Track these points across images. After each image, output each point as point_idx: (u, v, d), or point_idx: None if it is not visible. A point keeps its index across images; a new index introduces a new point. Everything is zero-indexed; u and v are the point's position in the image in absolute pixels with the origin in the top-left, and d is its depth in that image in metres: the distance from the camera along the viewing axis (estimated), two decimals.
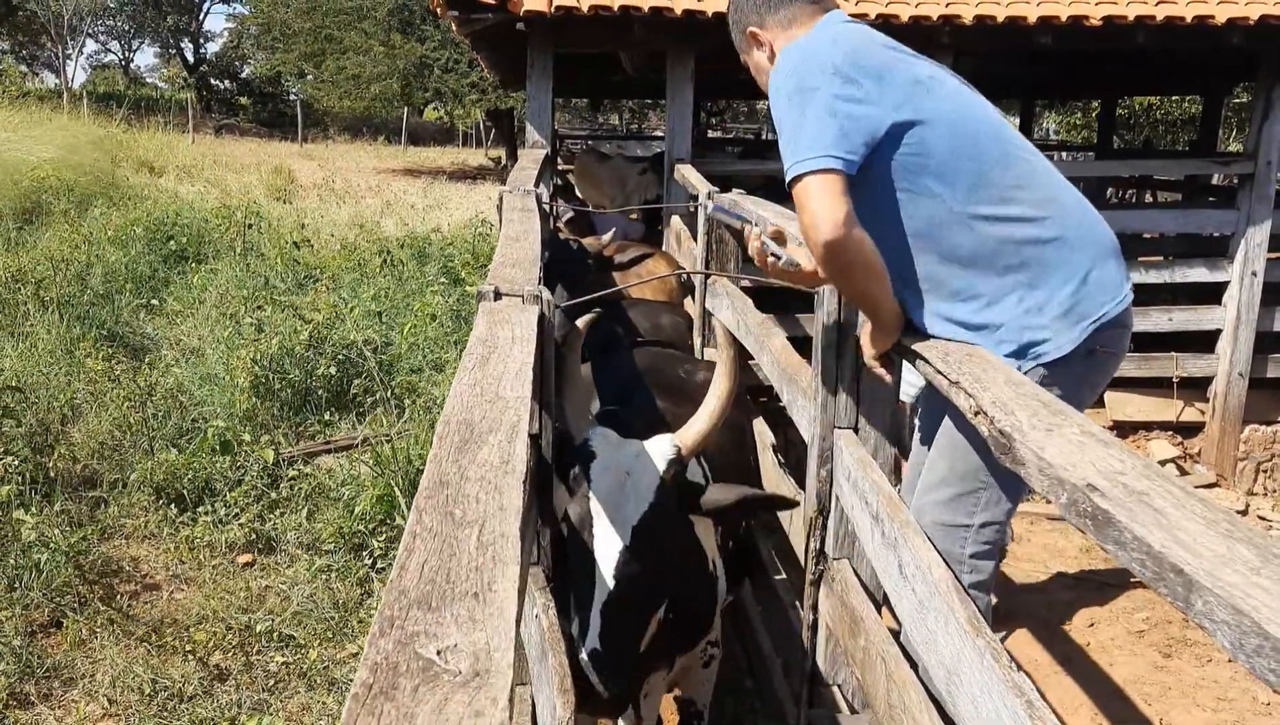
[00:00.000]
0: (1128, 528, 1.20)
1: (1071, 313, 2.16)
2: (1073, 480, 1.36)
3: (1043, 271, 2.15)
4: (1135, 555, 1.18)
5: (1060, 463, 1.41)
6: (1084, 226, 2.21)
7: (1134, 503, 1.26)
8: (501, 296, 2.31)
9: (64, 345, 7.21)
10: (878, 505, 2.09)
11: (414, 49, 25.23)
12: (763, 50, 2.35)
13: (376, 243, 11.05)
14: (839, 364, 2.42)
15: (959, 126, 2.14)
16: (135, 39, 51.81)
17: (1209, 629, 1.06)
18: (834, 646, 2.48)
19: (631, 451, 2.19)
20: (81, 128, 19.71)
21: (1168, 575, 1.12)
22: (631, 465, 2.16)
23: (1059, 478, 1.40)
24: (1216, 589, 1.05)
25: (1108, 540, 1.25)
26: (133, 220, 11.27)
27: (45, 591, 4.30)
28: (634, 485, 2.13)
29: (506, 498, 1.32)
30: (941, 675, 1.71)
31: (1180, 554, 1.12)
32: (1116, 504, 1.25)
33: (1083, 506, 1.32)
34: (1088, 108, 22.35)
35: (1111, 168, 10.88)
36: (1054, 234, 2.16)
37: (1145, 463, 1.38)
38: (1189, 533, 1.17)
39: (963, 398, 1.77)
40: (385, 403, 6.06)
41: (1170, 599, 1.13)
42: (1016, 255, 2.14)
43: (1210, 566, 1.09)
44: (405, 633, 0.99)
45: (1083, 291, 2.17)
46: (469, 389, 1.72)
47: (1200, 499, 1.27)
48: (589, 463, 2.17)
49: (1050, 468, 1.42)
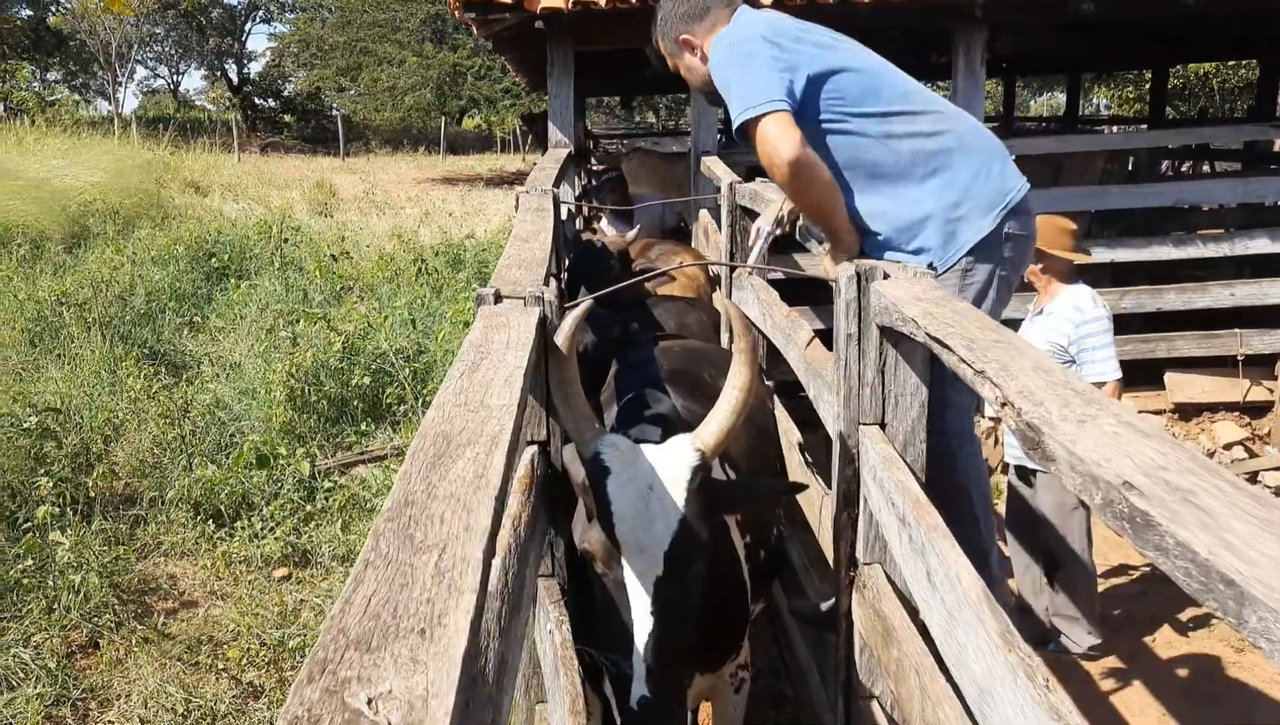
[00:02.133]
0: (1169, 531, 1.06)
1: (982, 202, 2.60)
2: (1108, 478, 1.21)
3: (952, 174, 2.60)
4: (1179, 564, 1.03)
5: (1094, 458, 1.26)
6: (976, 134, 2.71)
7: (1177, 502, 1.11)
8: (502, 299, 2.20)
9: (107, 365, 7.26)
10: (904, 507, 1.94)
11: (446, 57, 25.33)
12: (694, 54, 2.80)
13: (413, 252, 11.03)
14: (861, 355, 2.27)
15: (863, 72, 2.63)
16: (182, 63, 52.71)
17: (1266, 650, 0.91)
18: (868, 657, 2.33)
19: (649, 462, 1.94)
20: (129, 152, 20.03)
21: (1216, 587, 0.97)
22: (652, 479, 1.91)
23: (1093, 475, 1.25)
24: (1273, 602, 0.90)
25: (1148, 546, 1.10)
26: (175, 239, 11.38)
27: (83, 612, 4.29)
28: (659, 503, 1.88)
29: (475, 517, 1.20)
30: (974, 694, 1.57)
31: (1230, 561, 0.97)
32: (1157, 504, 1.10)
33: (1119, 507, 1.17)
34: (1140, 80, 21.80)
35: (1165, 138, 10.49)
36: (954, 143, 2.63)
37: (1191, 455, 1.23)
38: (1241, 535, 1.02)
39: (989, 388, 1.62)
40: (418, 411, 6.00)
41: (1221, 614, 0.98)
42: (928, 164, 2.61)
43: (1266, 575, 0.94)
44: (336, 679, 0.88)
45: (988, 184, 2.61)
46: (453, 398, 1.61)
47: (1254, 495, 1.11)
48: (603, 480, 1.91)
49: (1082, 464, 1.27)
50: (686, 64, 2.83)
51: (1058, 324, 4.17)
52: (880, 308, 2.18)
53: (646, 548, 1.85)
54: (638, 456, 1.95)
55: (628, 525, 1.86)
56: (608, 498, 1.89)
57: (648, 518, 1.87)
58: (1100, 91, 30.66)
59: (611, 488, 1.89)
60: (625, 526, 1.86)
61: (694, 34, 2.76)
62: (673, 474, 1.92)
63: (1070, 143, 7.62)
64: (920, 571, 1.82)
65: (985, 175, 2.62)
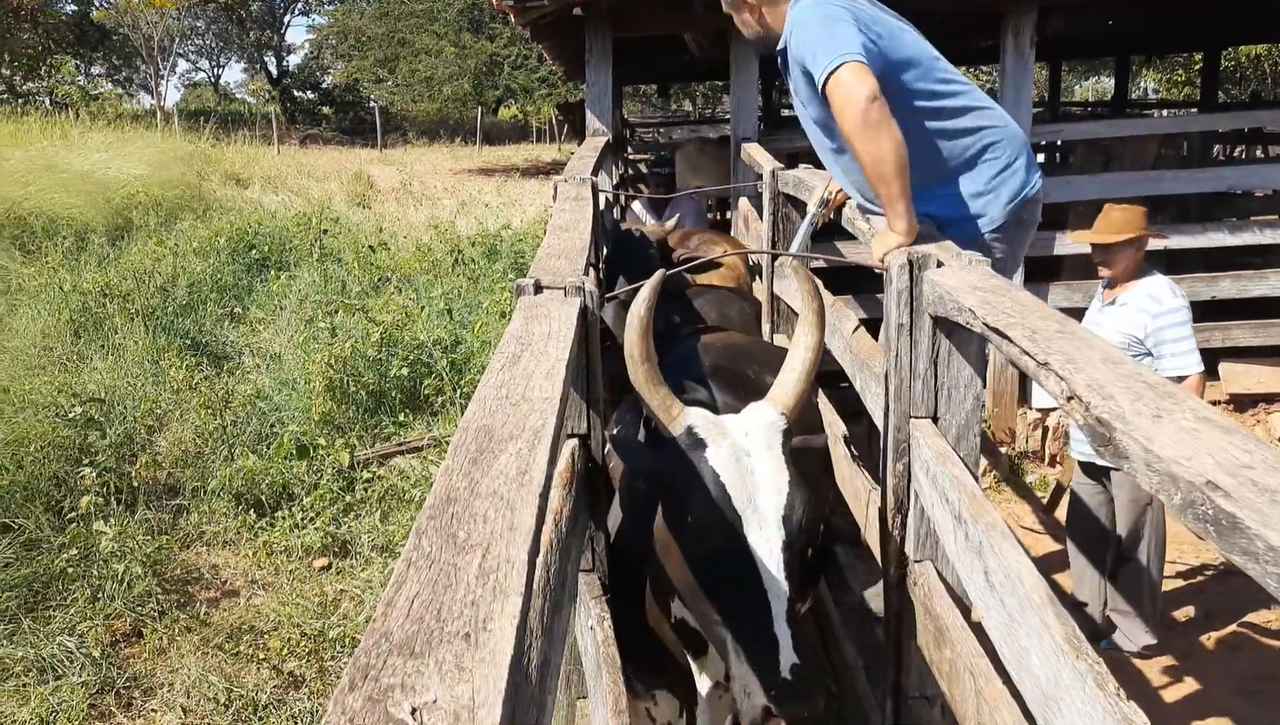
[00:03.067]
0: (1259, 535, 0.99)
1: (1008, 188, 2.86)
2: (1188, 477, 1.14)
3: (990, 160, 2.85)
4: (1271, 569, 0.97)
5: (1172, 456, 1.19)
6: (1009, 126, 2.92)
7: (1265, 503, 1.04)
8: (542, 290, 2.15)
9: (150, 356, 7.31)
10: (959, 503, 1.87)
11: (484, 47, 25.35)
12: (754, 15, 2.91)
13: (449, 243, 11.03)
14: (913, 346, 2.21)
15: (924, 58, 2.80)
16: (222, 56, 53.25)
17: None
18: (919, 657, 2.27)
19: (740, 430, 1.88)
20: (171, 145, 20.18)
21: None
22: (749, 446, 1.85)
23: (1171, 474, 1.18)
24: None
25: (1234, 550, 1.03)
26: (216, 231, 11.45)
27: (127, 601, 4.31)
28: (763, 470, 1.83)
29: (519, 515, 1.16)
30: (1037, 699, 1.50)
31: None
32: (1244, 506, 1.03)
33: (1202, 508, 1.11)
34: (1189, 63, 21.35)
35: (1217, 121, 10.22)
36: (995, 136, 2.85)
37: (1277, 453, 1.15)
38: None
39: (1054, 381, 1.55)
40: (455, 402, 5.99)
41: None
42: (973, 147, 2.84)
43: None
44: (379, 686, 0.84)
45: (1015, 175, 2.87)
46: (494, 391, 1.57)
47: None
48: (702, 454, 1.84)
49: (1160, 462, 1.20)
50: (742, 19, 2.95)
51: (1133, 316, 4.00)
52: (934, 297, 2.11)
53: (764, 514, 1.79)
54: (727, 427, 1.90)
55: (742, 495, 1.80)
56: (714, 471, 1.82)
57: (753, 486, 1.81)
58: (1148, 75, 30.09)
59: (714, 461, 1.84)
60: (740, 497, 1.80)
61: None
62: (765, 439, 1.87)
63: (1122, 127, 7.45)
64: (977, 571, 1.76)
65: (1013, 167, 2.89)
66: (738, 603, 1.77)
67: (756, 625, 1.73)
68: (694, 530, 1.82)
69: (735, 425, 1.89)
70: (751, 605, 1.74)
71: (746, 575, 1.76)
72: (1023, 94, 6.17)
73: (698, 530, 1.82)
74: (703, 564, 1.82)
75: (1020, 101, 6.15)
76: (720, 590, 1.79)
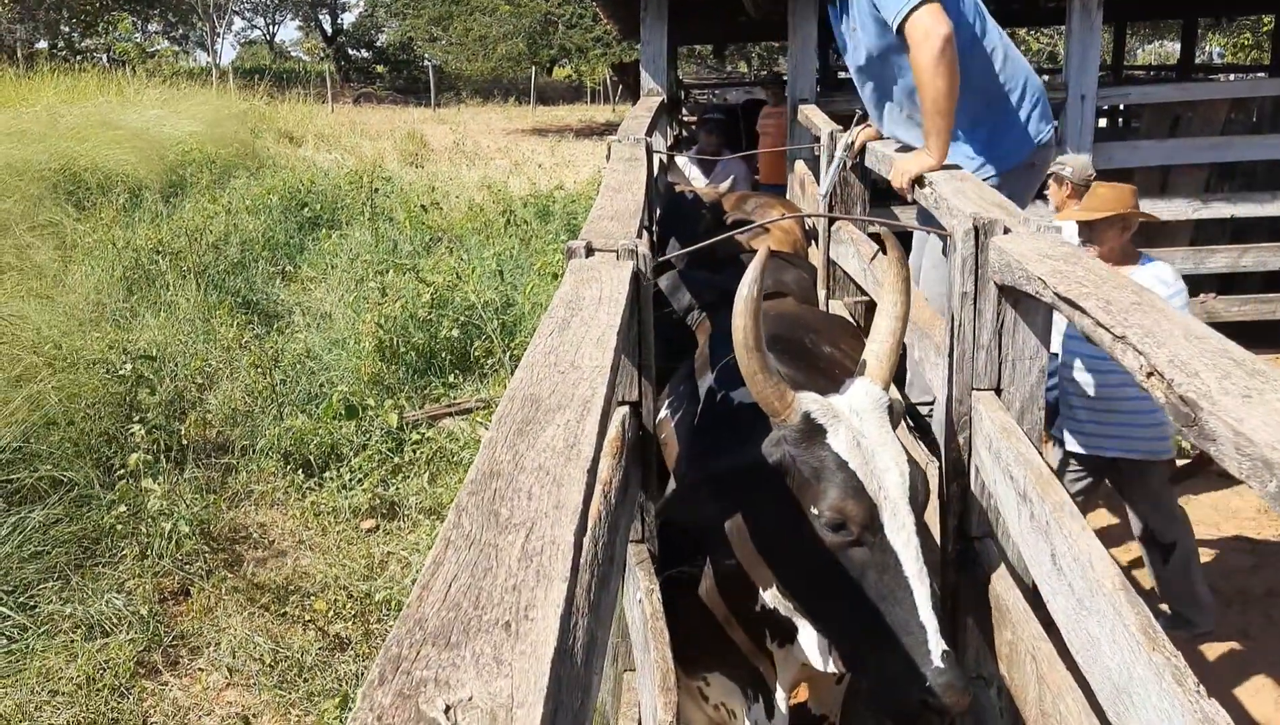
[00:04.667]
0: None
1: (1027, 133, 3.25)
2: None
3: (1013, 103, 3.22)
4: None
5: (1267, 439, 1.10)
6: (1031, 76, 3.27)
7: None
8: (594, 252, 2.09)
9: (201, 314, 7.36)
10: (1024, 481, 1.79)
11: (539, 6, 25.13)
12: None
13: (501, 203, 10.99)
14: (977, 315, 2.11)
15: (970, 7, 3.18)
16: (278, 14, 53.40)
17: None
18: (976, 637, 2.19)
19: (851, 411, 1.79)
20: (225, 102, 20.32)
21: None
22: (863, 427, 1.77)
23: (1266, 459, 1.09)
24: None
25: None
26: (269, 189, 11.50)
27: (174, 559, 4.35)
28: (883, 452, 1.75)
29: (565, 492, 1.10)
30: (1107, 691, 1.42)
31: None
32: None
33: None
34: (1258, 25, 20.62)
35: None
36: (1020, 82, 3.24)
37: None
38: None
39: (1131, 356, 1.45)
40: (505, 364, 5.96)
41: None
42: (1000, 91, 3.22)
43: None
44: (411, 680, 0.78)
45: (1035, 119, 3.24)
46: (542, 358, 1.51)
47: None
48: (824, 441, 1.75)
49: (1253, 446, 1.12)
50: None
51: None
52: (1001, 265, 2.01)
53: (894, 499, 1.71)
54: (838, 408, 1.80)
55: (873, 482, 1.71)
56: (839, 458, 1.73)
57: (880, 469, 1.73)
58: (1214, 39, 29.14)
59: (837, 447, 1.75)
60: (871, 484, 1.71)
61: None
62: (876, 419, 1.79)
63: (1192, 90, 7.18)
64: (1043, 552, 1.67)
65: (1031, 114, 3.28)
66: (879, 593, 1.68)
67: (902, 614, 1.65)
68: (825, 521, 1.72)
69: (845, 406, 1.80)
70: (895, 594, 1.67)
71: (888, 564, 1.68)
72: (1089, 56, 5.97)
73: (830, 521, 1.71)
74: (835, 555, 1.72)
75: (1087, 64, 5.95)
76: (858, 581, 1.70)
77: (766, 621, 2.07)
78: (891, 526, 1.70)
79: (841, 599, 1.72)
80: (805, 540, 1.75)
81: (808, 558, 1.75)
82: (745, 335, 1.77)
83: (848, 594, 1.71)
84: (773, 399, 1.78)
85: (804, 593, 1.84)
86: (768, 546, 1.88)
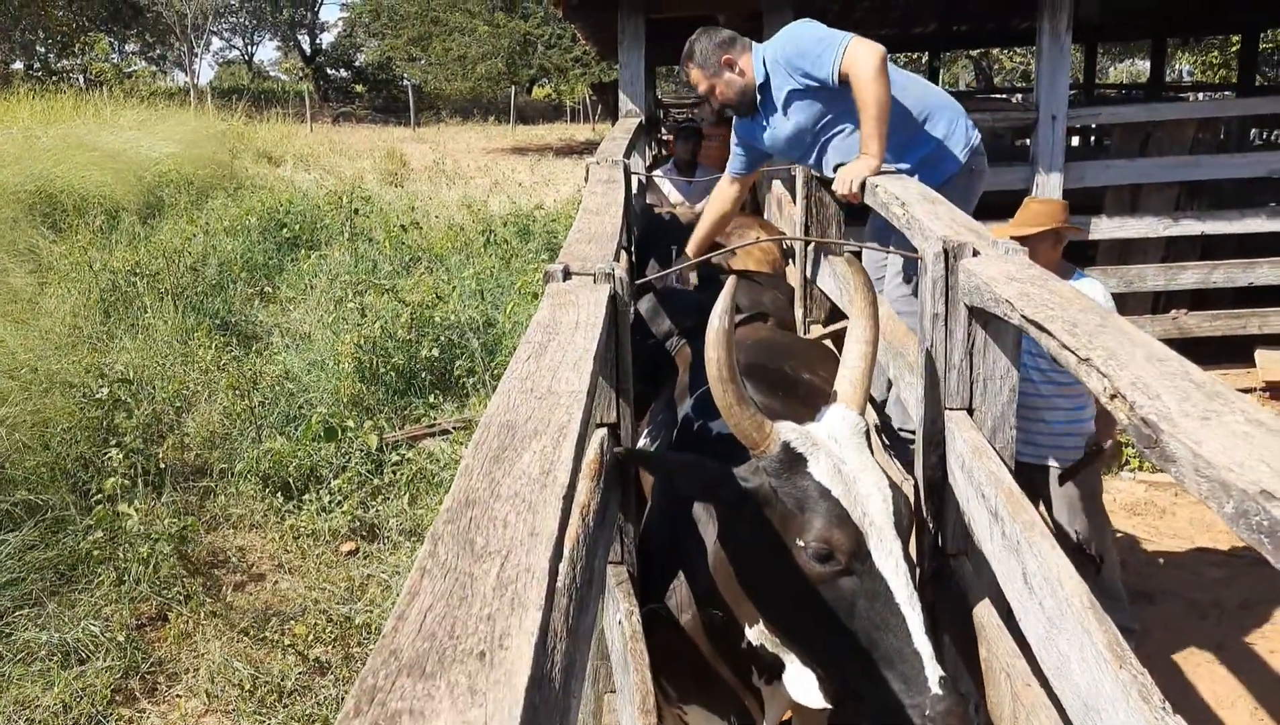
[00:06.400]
0: None
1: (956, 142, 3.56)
2: (1241, 485, 1.08)
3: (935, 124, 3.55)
4: None
5: (1224, 462, 1.13)
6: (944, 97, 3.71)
7: None
8: (571, 276, 2.10)
9: (179, 336, 7.32)
10: (996, 500, 1.82)
11: (517, 26, 25.25)
12: (735, 71, 3.56)
13: (482, 222, 11.00)
14: (948, 336, 2.14)
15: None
16: (256, 34, 53.39)
17: None
18: (952, 654, 2.21)
19: (830, 438, 1.78)
20: (204, 123, 20.29)
21: None
22: (843, 453, 1.76)
23: (1223, 481, 1.12)
24: None
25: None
26: (247, 210, 11.47)
27: (152, 584, 4.32)
28: (864, 477, 1.74)
29: (540, 519, 1.11)
30: (1077, 708, 1.45)
31: None
32: None
33: (1257, 519, 1.05)
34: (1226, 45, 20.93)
35: (1255, 105, 9.99)
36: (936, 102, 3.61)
37: None
38: None
39: (1095, 378, 1.48)
40: (486, 384, 5.96)
41: None
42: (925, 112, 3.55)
43: None
44: (385, 711, 0.80)
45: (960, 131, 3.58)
46: (518, 384, 1.52)
47: None
48: (805, 470, 1.73)
49: (1210, 468, 1.14)
50: (726, 80, 3.57)
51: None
52: (970, 287, 2.04)
53: (879, 525, 1.70)
54: (817, 436, 1.79)
55: (857, 509, 1.70)
56: (822, 487, 1.72)
57: (862, 495, 1.72)
58: (1183, 57, 29.54)
59: (818, 476, 1.73)
60: (856, 511, 1.70)
61: (734, 55, 3.54)
62: (855, 444, 1.79)
63: (1161, 110, 7.27)
64: (1015, 571, 1.70)
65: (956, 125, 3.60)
66: (871, 622, 1.67)
67: (895, 642, 1.64)
68: (811, 552, 1.70)
69: (824, 433, 1.80)
70: (887, 622, 1.65)
71: (878, 591, 1.67)
72: (1059, 76, 6.05)
73: (816, 552, 1.70)
74: (822, 587, 1.71)
75: (1057, 84, 6.03)
76: (849, 612, 1.69)
77: (752, 658, 2.03)
78: (879, 553, 1.69)
79: (832, 631, 1.70)
80: (791, 573, 1.73)
81: (794, 591, 1.73)
82: (719, 368, 1.76)
83: (838, 625, 1.69)
84: (751, 431, 1.77)
85: (792, 627, 1.82)
86: (752, 582, 1.85)
